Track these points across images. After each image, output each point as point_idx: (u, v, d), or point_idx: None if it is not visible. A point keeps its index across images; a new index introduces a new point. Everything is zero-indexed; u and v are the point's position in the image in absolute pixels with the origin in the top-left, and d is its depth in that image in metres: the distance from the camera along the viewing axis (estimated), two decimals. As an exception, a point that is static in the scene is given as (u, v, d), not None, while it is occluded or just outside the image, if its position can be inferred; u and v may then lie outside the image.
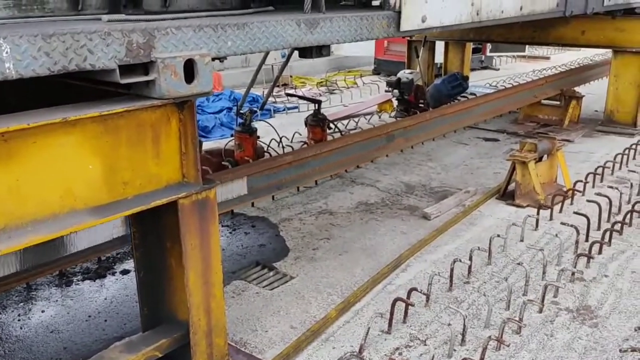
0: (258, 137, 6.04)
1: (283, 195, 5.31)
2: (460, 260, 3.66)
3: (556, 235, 4.10)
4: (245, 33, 2.52)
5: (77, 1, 2.80)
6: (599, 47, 7.87)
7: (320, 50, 3.03)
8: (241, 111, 7.64)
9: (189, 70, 2.30)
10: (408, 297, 3.35)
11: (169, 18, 2.48)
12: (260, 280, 3.85)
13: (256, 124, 6.12)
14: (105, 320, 3.41)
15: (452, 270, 3.67)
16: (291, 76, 10.91)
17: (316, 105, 6.37)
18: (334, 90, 10.42)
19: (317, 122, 6.34)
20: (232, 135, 6.09)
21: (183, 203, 2.45)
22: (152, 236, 2.68)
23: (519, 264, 3.69)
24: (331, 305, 3.52)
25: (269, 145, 6.33)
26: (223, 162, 5.54)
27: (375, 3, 3.62)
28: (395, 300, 3.23)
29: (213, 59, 2.59)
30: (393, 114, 8.44)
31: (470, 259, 3.83)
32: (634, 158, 6.15)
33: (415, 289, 3.34)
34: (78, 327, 3.36)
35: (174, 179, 2.45)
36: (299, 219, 4.88)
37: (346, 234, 4.56)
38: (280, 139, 6.62)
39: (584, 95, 7.71)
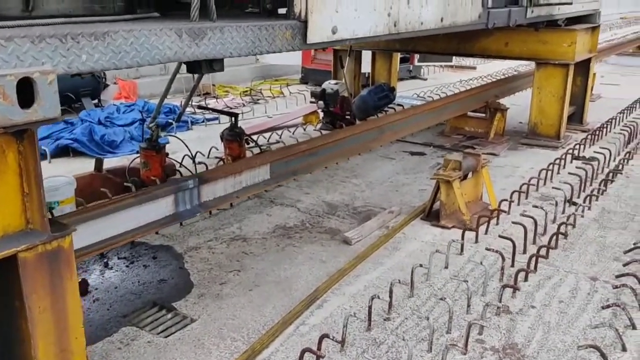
0: (167, 154, 5.52)
1: (193, 220, 4.81)
2: (379, 297, 3.31)
3: (481, 262, 3.84)
4: (105, 45, 2.06)
5: None
6: (522, 59, 7.85)
7: (212, 65, 2.60)
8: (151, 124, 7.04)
9: (27, 91, 1.82)
10: (320, 344, 2.96)
11: (10, 26, 1.98)
12: (155, 325, 3.36)
13: (171, 138, 5.61)
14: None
15: (370, 308, 3.31)
16: (214, 85, 10.37)
17: (232, 118, 5.91)
18: (258, 100, 9.98)
19: (234, 137, 5.86)
20: (137, 152, 5.53)
21: (25, 257, 1.95)
22: (-4, 293, 2.16)
23: (441, 299, 3.39)
24: (234, 353, 3.08)
25: (181, 164, 5.80)
26: (125, 183, 5.00)
27: (284, 11, 3.25)
28: (304, 351, 2.83)
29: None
30: (319, 126, 8.09)
31: (391, 292, 3.49)
32: (558, 173, 6.08)
33: (327, 336, 2.95)
34: None
35: (13, 227, 1.95)
36: (208, 247, 4.41)
37: (259, 265, 4.14)
38: (194, 155, 6.12)
39: (508, 108, 7.65)
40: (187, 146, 5.64)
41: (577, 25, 7.32)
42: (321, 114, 8.22)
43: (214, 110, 5.90)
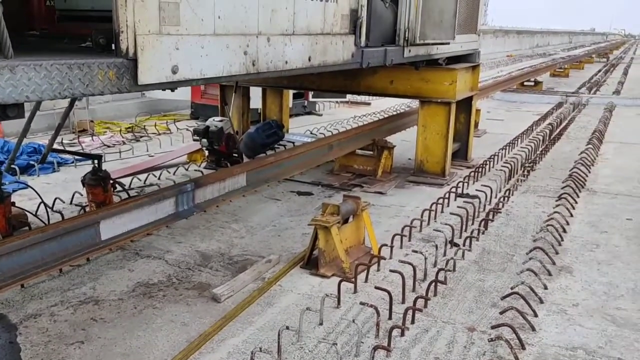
0: (14, 204, 4.86)
1: (39, 279, 4.18)
2: (234, 372, 2.91)
3: (353, 321, 3.54)
4: None
5: None
6: (407, 97, 7.88)
7: (5, 111, 2.13)
8: (12, 165, 6.30)
9: None
10: None
11: None
12: None
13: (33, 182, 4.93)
14: None
15: (224, 385, 2.90)
16: (92, 121, 9.62)
17: (95, 161, 5.34)
18: (141, 137, 9.35)
19: (98, 182, 5.30)
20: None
21: None
22: None
23: (305, 369, 3.04)
24: None
25: (36, 214, 5.13)
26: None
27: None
28: None
29: None
30: (203, 165, 7.64)
31: (252, 363, 3.10)
32: (442, 212, 6.01)
33: None
34: None
35: None
36: (50, 314, 3.80)
37: (109, 333, 3.60)
38: (53, 202, 5.46)
39: (395, 146, 7.60)
40: (37, 193, 5.01)
41: (458, 64, 7.46)
42: (206, 152, 7.80)
43: (70, 152, 5.31)
